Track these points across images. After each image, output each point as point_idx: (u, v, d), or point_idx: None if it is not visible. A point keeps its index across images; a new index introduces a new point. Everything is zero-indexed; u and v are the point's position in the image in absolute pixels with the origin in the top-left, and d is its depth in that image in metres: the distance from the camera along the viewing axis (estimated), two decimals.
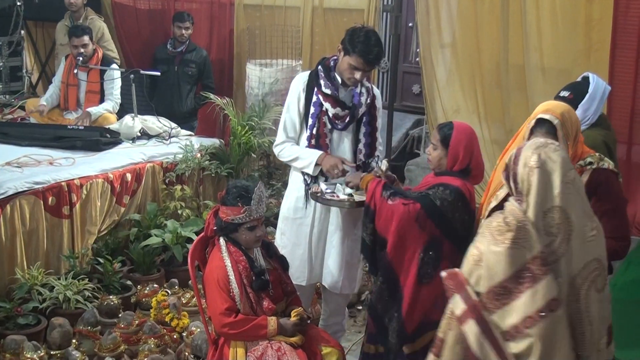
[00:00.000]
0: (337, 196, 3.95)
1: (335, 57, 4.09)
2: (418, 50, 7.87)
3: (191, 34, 7.51)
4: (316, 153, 4.06)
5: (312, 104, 4.08)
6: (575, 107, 3.92)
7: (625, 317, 5.21)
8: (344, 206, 3.97)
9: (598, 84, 3.98)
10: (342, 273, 4.17)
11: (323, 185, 4.01)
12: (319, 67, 4.11)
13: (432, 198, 3.52)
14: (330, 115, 4.05)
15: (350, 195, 3.95)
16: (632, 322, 5.22)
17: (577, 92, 3.99)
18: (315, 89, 4.08)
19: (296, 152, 4.14)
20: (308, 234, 4.18)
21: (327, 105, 4.04)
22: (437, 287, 3.35)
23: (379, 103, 4.23)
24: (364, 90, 4.10)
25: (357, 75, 3.96)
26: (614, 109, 6.44)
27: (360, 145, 4.14)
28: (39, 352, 4.00)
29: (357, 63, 3.93)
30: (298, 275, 4.17)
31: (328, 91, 4.03)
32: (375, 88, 4.25)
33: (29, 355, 3.94)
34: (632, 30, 6.19)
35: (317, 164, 4.05)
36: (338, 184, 4.04)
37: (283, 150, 4.21)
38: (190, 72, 7.42)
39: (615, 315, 4.43)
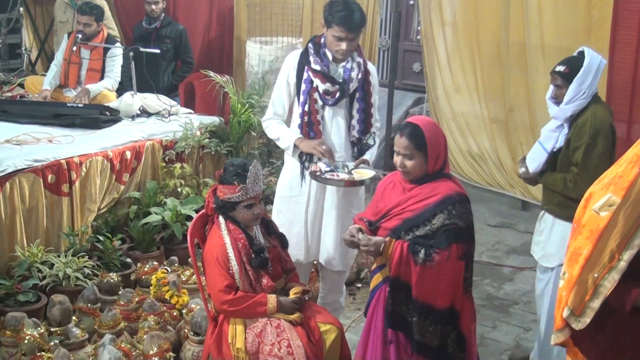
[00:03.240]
0: (337, 175, 3.96)
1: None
2: (419, 28, 7.85)
3: (163, 8, 7.37)
4: (293, 136, 4.11)
5: (303, 81, 4.09)
6: (571, 81, 3.97)
7: None
8: (343, 185, 3.98)
9: (593, 58, 3.98)
10: (337, 250, 4.18)
11: (322, 165, 4.01)
12: (309, 44, 4.12)
13: (455, 226, 3.21)
14: (321, 91, 4.06)
15: (350, 173, 3.96)
16: None
17: (572, 66, 4.00)
18: (306, 67, 4.08)
19: (277, 133, 4.22)
20: (304, 212, 4.19)
21: (317, 81, 4.05)
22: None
23: (374, 79, 4.21)
24: (354, 65, 4.08)
25: (343, 45, 3.95)
26: (614, 87, 6.43)
27: (354, 122, 4.13)
28: (39, 329, 4.01)
29: (339, 32, 3.93)
30: (296, 252, 4.18)
31: (317, 67, 4.04)
32: (370, 64, 4.24)
33: (29, 332, 3.95)
34: (634, 8, 6.16)
35: (295, 146, 4.11)
36: (337, 162, 4.04)
37: (268, 127, 4.29)
38: (165, 48, 7.29)
39: None
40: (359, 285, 5.47)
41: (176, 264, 5.11)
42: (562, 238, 4.07)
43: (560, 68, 4.05)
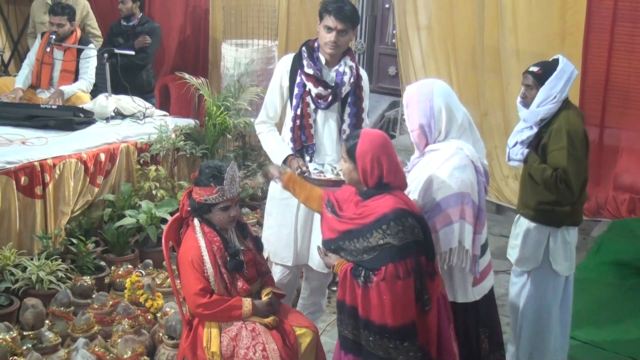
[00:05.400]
0: (325, 176, 3.97)
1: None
2: (394, 31, 7.89)
3: (131, 7, 7.28)
4: (284, 153, 4.10)
5: (295, 84, 4.11)
6: (542, 83, 4.06)
7: (592, 297, 5.31)
8: (328, 185, 3.99)
9: (567, 65, 4.08)
10: None
11: (311, 166, 4.03)
12: (303, 48, 4.14)
13: (389, 246, 3.15)
14: (313, 95, 4.07)
15: (338, 174, 3.97)
16: (597, 303, 5.31)
17: (546, 68, 4.09)
18: (299, 70, 4.09)
19: (269, 145, 4.22)
20: (294, 215, 4.17)
21: (309, 85, 4.06)
22: (435, 306, 3.27)
23: (365, 85, 4.24)
24: (347, 69, 4.11)
25: (332, 35, 3.97)
26: (587, 92, 6.50)
27: (345, 126, 4.15)
28: (12, 332, 3.97)
29: (331, 22, 3.95)
30: (284, 255, 4.18)
31: (310, 71, 4.05)
32: (361, 69, 4.27)
33: (1, 336, 3.91)
34: (606, 13, 6.24)
35: (283, 163, 4.12)
36: (326, 164, 4.05)
37: (261, 134, 4.28)
38: (140, 46, 7.26)
39: (584, 295, 4.53)
40: (334, 288, 5.46)
41: (151, 267, 5.08)
42: (537, 241, 4.13)
43: (534, 69, 4.14)
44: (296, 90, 4.10)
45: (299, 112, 4.09)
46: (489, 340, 3.61)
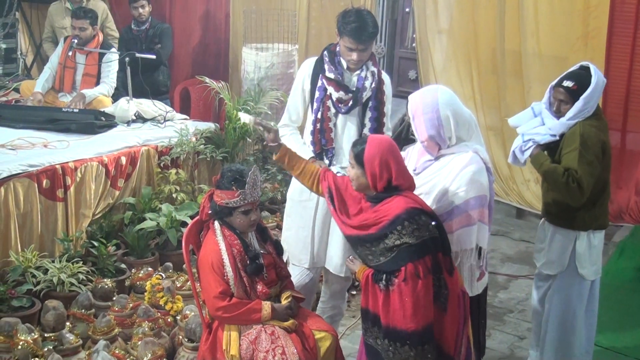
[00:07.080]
0: None
1: None
2: (414, 35, 7.87)
3: (150, 11, 7.39)
4: (306, 156, 4.07)
5: (317, 88, 4.11)
6: (577, 98, 3.92)
7: (614, 303, 5.27)
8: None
9: (599, 76, 3.95)
10: (345, 256, 4.16)
11: (334, 169, 4.03)
12: (324, 52, 4.14)
13: (406, 245, 3.19)
14: (334, 99, 4.07)
15: None
16: (619, 308, 5.27)
17: (581, 83, 3.93)
18: (320, 74, 4.10)
19: (291, 148, 4.16)
20: (312, 217, 4.16)
21: (330, 89, 4.07)
22: (453, 303, 3.30)
23: (387, 89, 4.23)
24: (369, 74, 4.11)
25: (354, 56, 3.98)
26: (609, 97, 6.44)
27: (366, 130, 4.15)
28: (33, 334, 4.00)
29: (350, 44, 3.95)
30: (302, 257, 4.18)
31: (331, 75, 4.06)
32: (384, 74, 4.26)
33: (22, 338, 3.94)
34: (629, 17, 6.19)
35: None
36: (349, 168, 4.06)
37: (283, 137, 4.26)
38: (155, 49, 7.35)
39: (605, 300, 4.49)
40: (354, 292, 5.46)
41: (171, 270, 5.10)
42: (563, 245, 4.11)
43: (569, 84, 3.97)
44: (317, 94, 4.11)
45: (319, 115, 4.10)
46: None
